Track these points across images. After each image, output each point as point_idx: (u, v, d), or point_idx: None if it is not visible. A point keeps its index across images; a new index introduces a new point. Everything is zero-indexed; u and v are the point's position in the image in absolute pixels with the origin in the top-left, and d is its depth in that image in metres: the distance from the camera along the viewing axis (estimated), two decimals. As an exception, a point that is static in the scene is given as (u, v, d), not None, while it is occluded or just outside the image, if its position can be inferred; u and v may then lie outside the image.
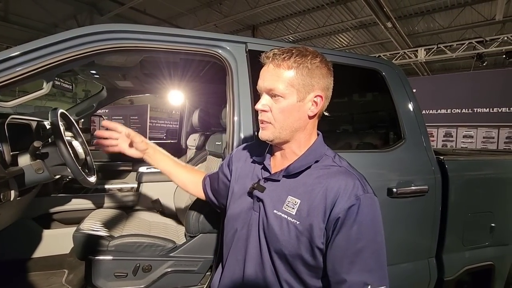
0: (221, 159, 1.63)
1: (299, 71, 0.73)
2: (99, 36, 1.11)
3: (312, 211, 0.72)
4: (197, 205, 1.32)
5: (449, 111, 6.08)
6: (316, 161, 0.78)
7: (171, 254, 1.32)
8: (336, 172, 0.75)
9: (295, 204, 0.74)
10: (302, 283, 0.76)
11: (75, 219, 1.83)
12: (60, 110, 1.44)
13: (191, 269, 1.30)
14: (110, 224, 1.58)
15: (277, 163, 0.84)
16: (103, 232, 1.42)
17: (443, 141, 6.11)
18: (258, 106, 0.77)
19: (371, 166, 1.45)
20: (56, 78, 1.79)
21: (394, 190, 1.38)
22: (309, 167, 0.77)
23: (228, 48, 1.30)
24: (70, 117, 1.59)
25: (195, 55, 1.32)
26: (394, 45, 8.75)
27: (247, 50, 1.32)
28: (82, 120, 2.78)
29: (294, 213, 0.74)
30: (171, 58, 1.91)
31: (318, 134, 0.84)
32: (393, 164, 1.49)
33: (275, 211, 0.76)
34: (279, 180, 0.79)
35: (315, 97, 0.76)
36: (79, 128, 2.48)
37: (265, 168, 0.84)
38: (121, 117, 9.95)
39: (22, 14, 8.27)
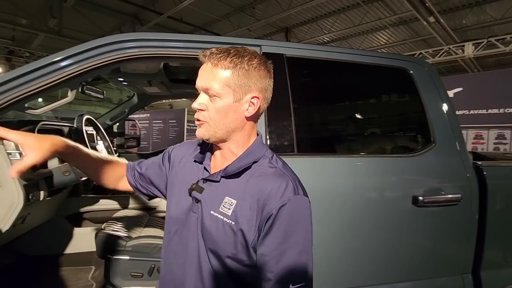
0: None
1: (236, 71, 0.73)
2: (114, 46, 1.16)
3: (247, 212, 0.73)
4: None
5: (501, 110, 5.49)
6: (255, 162, 0.78)
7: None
8: (271, 174, 0.75)
9: (231, 205, 0.74)
10: (240, 285, 0.76)
11: (103, 218, 1.93)
12: (86, 116, 1.53)
13: None
14: (130, 225, 1.64)
15: (217, 163, 0.83)
16: (122, 233, 1.48)
17: (494, 143, 5.53)
18: (195, 105, 0.76)
19: (393, 172, 1.35)
20: (88, 86, 1.91)
21: (420, 198, 1.28)
22: (249, 167, 0.77)
23: None
24: (97, 123, 1.69)
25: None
26: (438, 41, 8.16)
27: (261, 53, 1.30)
28: (118, 124, 2.95)
29: (230, 214, 0.74)
30: (194, 63, 1.95)
31: (258, 135, 0.83)
32: (420, 170, 1.37)
33: (212, 212, 0.76)
34: (218, 181, 0.78)
35: (252, 98, 0.75)
36: (114, 132, 2.61)
37: (205, 168, 0.83)
38: (160, 121, 10.43)
39: (73, 28, 9.06)
